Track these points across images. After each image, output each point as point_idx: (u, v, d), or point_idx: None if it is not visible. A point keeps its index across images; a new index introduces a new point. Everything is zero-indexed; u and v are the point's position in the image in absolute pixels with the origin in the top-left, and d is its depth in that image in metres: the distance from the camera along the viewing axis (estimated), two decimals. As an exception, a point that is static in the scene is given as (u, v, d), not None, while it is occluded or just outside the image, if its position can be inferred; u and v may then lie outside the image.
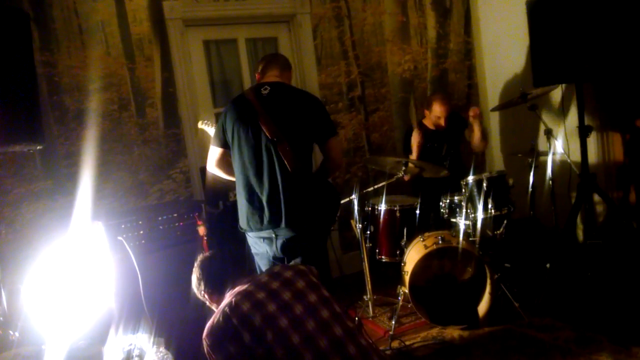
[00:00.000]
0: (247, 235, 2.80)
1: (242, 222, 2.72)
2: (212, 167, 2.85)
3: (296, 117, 2.64)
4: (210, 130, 3.10)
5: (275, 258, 2.72)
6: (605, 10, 3.09)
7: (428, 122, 4.11)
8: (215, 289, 2.06)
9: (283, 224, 2.58)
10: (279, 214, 2.60)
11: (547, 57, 3.40)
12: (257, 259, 2.83)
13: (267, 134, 2.58)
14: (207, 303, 2.12)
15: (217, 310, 1.86)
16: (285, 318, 1.77)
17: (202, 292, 2.12)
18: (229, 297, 1.91)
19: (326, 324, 1.79)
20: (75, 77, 3.52)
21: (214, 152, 2.80)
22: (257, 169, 2.63)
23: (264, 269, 2.77)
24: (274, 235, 2.65)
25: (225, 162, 2.81)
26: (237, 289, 1.94)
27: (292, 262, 2.68)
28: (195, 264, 2.16)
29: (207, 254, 2.20)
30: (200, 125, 3.21)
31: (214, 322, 1.82)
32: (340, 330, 1.78)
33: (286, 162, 2.57)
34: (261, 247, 2.73)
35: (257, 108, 2.62)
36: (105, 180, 3.60)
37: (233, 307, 1.81)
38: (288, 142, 2.57)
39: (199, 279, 2.11)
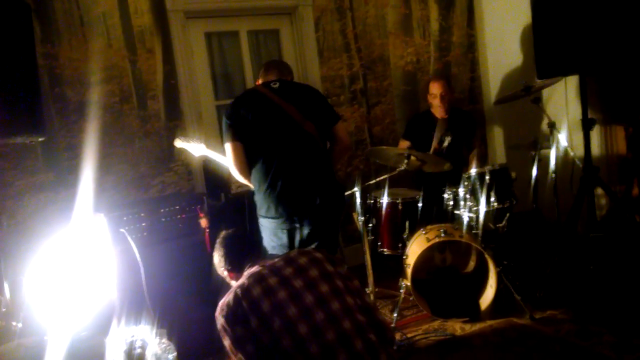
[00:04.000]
0: (264, 226, 2.80)
1: (267, 212, 2.72)
2: (238, 165, 2.75)
3: (309, 105, 2.79)
4: (189, 146, 3.11)
5: (292, 249, 2.74)
6: (610, 1, 3.06)
7: (435, 112, 4.11)
8: (235, 266, 2.08)
9: (317, 201, 2.68)
10: (312, 194, 2.69)
11: (550, 49, 3.38)
12: (268, 245, 2.80)
13: (294, 117, 2.71)
14: (227, 280, 2.13)
15: (231, 290, 1.87)
16: (295, 307, 1.77)
17: (222, 269, 2.14)
18: (243, 277, 1.92)
19: (335, 316, 1.77)
20: (77, 69, 3.51)
21: (237, 147, 2.72)
22: (286, 153, 2.70)
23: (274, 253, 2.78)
24: (297, 225, 2.71)
25: (242, 159, 2.76)
26: (253, 269, 1.93)
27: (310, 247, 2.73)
28: (218, 241, 2.18)
29: (229, 231, 2.21)
30: (177, 143, 3.20)
31: (225, 302, 1.83)
32: (349, 324, 1.76)
33: (315, 137, 2.74)
34: (281, 239, 2.74)
35: (274, 99, 2.74)
36: (106, 172, 3.60)
37: (244, 289, 1.82)
38: (310, 121, 2.74)
39: (221, 256, 2.13)
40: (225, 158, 2.88)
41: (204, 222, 3.14)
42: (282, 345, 1.69)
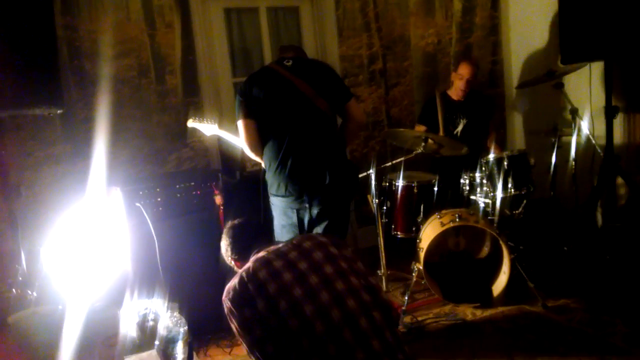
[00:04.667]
0: (275, 205, 2.80)
1: (278, 190, 2.72)
2: (250, 143, 2.76)
3: (322, 82, 2.77)
4: (201, 126, 3.11)
5: (301, 228, 2.75)
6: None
7: (452, 93, 4.05)
8: (242, 255, 2.09)
9: (327, 179, 2.67)
10: (323, 172, 2.68)
11: (576, 34, 3.31)
12: (282, 232, 2.80)
13: (306, 94, 2.70)
14: (235, 269, 2.15)
15: (237, 274, 1.88)
16: (300, 288, 1.77)
17: (229, 258, 2.16)
18: (249, 261, 1.93)
19: (340, 296, 1.78)
20: (96, 42, 3.51)
21: (249, 125, 2.72)
22: (297, 131, 2.69)
23: (284, 232, 2.79)
24: (307, 205, 2.71)
25: (255, 136, 2.76)
26: (258, 254, 1.95)
27: (317, 228, 2.76)
28: (225, 230, 2.20)
29: (236, 221, 2.22)
30: (190, 123, 3.20)
31: (232, 285, 1.85)
32: (353, 303, 1.77)
33: (327, 114, 2.74)
34: (291, 218, 2.75)
35: (287, 76, 2.72)
36: (123, 146, 3.62)
37: (250, 273, 1.83)
38: (323, 97, 2.73)
39: (227, 245, 2.15)
40: (237, 138, 2.88)
41: (218, 199, 3.15)
42: (289, 326, 1.70)
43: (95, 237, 2.24)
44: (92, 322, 2.13)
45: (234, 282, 1.86)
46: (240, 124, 2.73)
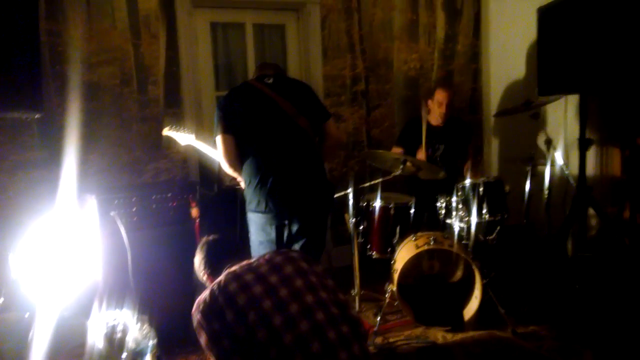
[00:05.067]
0: (253, 221, 2.79)
1: (258, 206, 2.71)
2: (229, 158, 2.74)
3: (302, 100, 2.82)
4: (177, 135, 3.12)
5: (279, 244, 2.74)
6: (615, 24, 3.08)
7: (431, 119, 4.11)
8: (215, 271, 2.10)
9: (308, 198, 2.70)
10: (303, 190, 2.71)
11: (553, 67, 3.39)
12: (259, 249, 2.79)
13: (287, 112, 2.73)
14: (207, 284, 2.14)
15: (207, 288, 1.89)
16: (269, 300, 1.79)
17: (202, 273, 2.18)
18: (221, 275, 1.94)
19: (309, 308, 1.80)
20: (79, 49, 3.48)
21: (228, 140, 2.70)
22: (277, 147, 2.71)
23: (260, 247, 2.78)
24: (286, 221, 2.73)
25: (233, 151, 2.75)
26: (230, 269, 1.96)
27: (295, 245, 2.78)
28: (199, 246, 2.22)
29: (211, 237, 2.24)
30: (165, 131, 3.20)
31: (202, 298, 1.86)
32: (322, 316, 1.79)
33: (307, 132, 2.77)
34: (269, 234, 2.74)
35: (268, 93, 2.75)
36: (101, 154, 3.58)
37: (221, 286, 1.85)
38: (304, 116, 2.77)
39: (200, 260, 2.17)
40: (212, 150, 2.89)
41: (194, 212, 3.13)
42: (257, 337, 1.71)
43: (67, 244, 2.21)
44: (59, 331, 2.09)
45: (204, 295, 1.87)
46: (218, 139, 2.72)
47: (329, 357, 1.70)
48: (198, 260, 2.18)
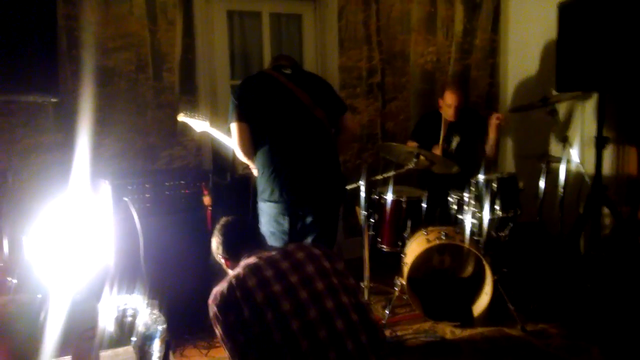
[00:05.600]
0: (265, 211, 2.78)
1: (271, 196, 2.70)
2: (243, 146, 2.73)
3: (319, 92, 2.81)
4: (192, 121, 3.11)
5: (291, 236, 2.73)
6: (636, 22, 3.02)
7: (444, 113, 4.07)
8: (232, 255, 2.08)
9: (321, 190, 2.70)
10: (317, 181, 2.70)
11: (572, 63, 3.35)
12: (271, 240, 2.76)
13: (304, 103, 2.71)
14: (223, 266, 2.14)
15: (226, 279, 1.87)
16: (288, 302, 1.76)
17: (219, 256, 2.16)
18: (240, 267, 1.92)
19: (329, 315, 1.76)
20: (96, 33, 3.49)
21: (243, 128, 2.69)
22: (295, 138, 2.70)
23: (272, 237, 2.77)
24: (300, 212, 2.72)
25: (247, 139, 2.74)
26: (250, 260, 1.93)
27: (308, 238, 2.76)
28: (217, 227, 2.19)
29: (229, 218, 2.21)
30: (180, 117, 3.20)
31: (219, 290, 1.83)
32: (342, 324, 1.76)
33: (324, 124, 2.76)
34: (282, 225, 2.73)
35: (285, 82, 2.73)
36: (116, 139, 3.61)
37: (239, 279, 1.82)
38: (320, 107, 2.76)
39: (218, 242, 2.15)
40: (227, 137, 2.88)
41: (207, 200, 3.14)
42: (273, 338, 1.69)
43: (79, 228, 2.22)
44: (70, 314, 2.11)
45: (222, 287, 1.84)
46: (233, 126, 2.72)
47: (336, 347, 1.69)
48: (215, 243, 2.15)
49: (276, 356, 1.68)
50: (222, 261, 2.15)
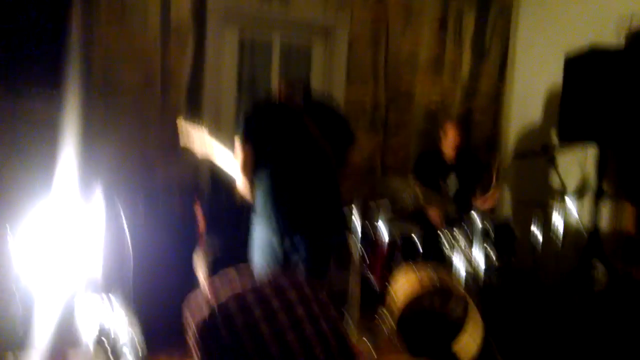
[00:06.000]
0: (258, 237, 2.76)
1: (265, 221, 2.68)
2: (245, 167, 2.73)
3: (330, 123, 2.80)
4: (191, 129, 3.09)
5: (283, 256, 2.71)
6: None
7: (445, 148, 4.10)
8: (214, 273, 2.07)
9: (318, 224, 2.67)
10: (311, 214, 2.67)
11: (575, 115, 3.38)
12: (261, 255, 2.75)
13: (312, 134, 2.69)
14: (207, 293, 2.11)
15: (210, 304, 1.85)
16: (267, 326, 1.75)
17: (201, 276, 2.13)
18: (226, 293, 1.90)
19: (308, 341, 1.76)
20: (108, 47, 3.56)
21: (249, 150, 2.69)
22: (298, 167, 2.68)
23: (264, 262, 2.75)
24: (295, 241, 2.68)
25: (250, 164, 2.74)
26: (232, 286, 1.92)
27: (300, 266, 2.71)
28: (202, 247, 2.17)
29: (219, 246, 2.21)
30: (180, 122, 3.17)
31: (201, 316, 1.81)
32: (320, 351, 1.75)
33: (329, 157, 2.72)
34: (274, 250, 2.70)
35: (296, 109, 2.73)
36: (116, 151, 3.60)
37: (226, 316, 1.79)
38: (327, 140, 2.73)
39: (201, 262, 2.13)
40: (222, 149, 2.88)
41: (200, 220, 3.13)
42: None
43: (68, 233, 2.21)
44: (51, 321, 2.08)
45: (204, 313, 1.82)
46: (239, 147, 2.71)
47: None
48: (198, 261, 2.15)
49: None
50: (203, 280, 2.13)
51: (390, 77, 4.49)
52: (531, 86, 4.69)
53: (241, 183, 2.78)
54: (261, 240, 2.75)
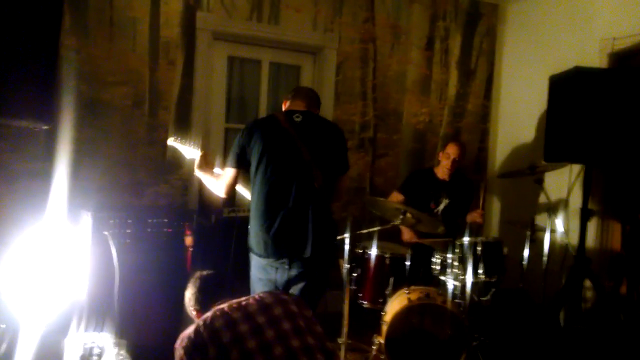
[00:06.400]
0: (254, 259, 2.72)
1: (258, 248, 2.65)
2: (229, 190, 2.71)
3: (326, 148, 2.71)
4: (182, 147, 3.07)
5: (281, 285, 2.67)
6: (623, 99, 3.13)
7: (438, 171, 4.12)
8: (204, 307, 2.06)
9: (307, 253, 2.59)
10: (305, 241, 2.60)
11: (561, 134, 3.42)
12: (258, 285, 2.71)
13: (306, 160, 2.62)
14: (194, 319, 2.10)
15: (193, 324, 1.85)
16: (254, 341, 1.76)
17: (192, 308, 2.14)
18: (209, 312, 1.90)
19: (294, 353, 1.77)
20: (96, 67, 3.54)
21: (229, 174, 2.68)
22: (287, 190, 2.61)
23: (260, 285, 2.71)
24: (287, 266, 2.63)
25: (234, 185, 2.72)
26: (218, 306, 1.93)
27: (294, 288, 2.68)
28: (192, 280, 2.18)
29: (204, 273, 2.20)
30: (170, 142, 3.16)
31: (186, 334, 1.83)
32: None
33: (319, 188, 2.63)
34: (270, 274, 2.66)
35: (291, 132, 2.64)
36: (104, 172, 3.59)
37: (207, 322, 1.82)
38: (320, 170, 2.64)
39: (191, 295, 2.14)
40: (216, 167, 2.86)
41: (188, 240, 3.10)
42: None
43: (54, 260, 2.17)
44: (36, 347, 2.03)
45: (189, 330, 1.84)
46: (229, 170, 2.68)
47: None
48: (189, 295, 2.15)
49: None
50: (194, 314, 2.13)
51: (378, 96, 4.52)
52: (518, 106, 4.75)
53: (220, 194, 2.74)
54: (256, 262, 2.71)
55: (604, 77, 3.27)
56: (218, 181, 2.76)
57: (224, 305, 1.92)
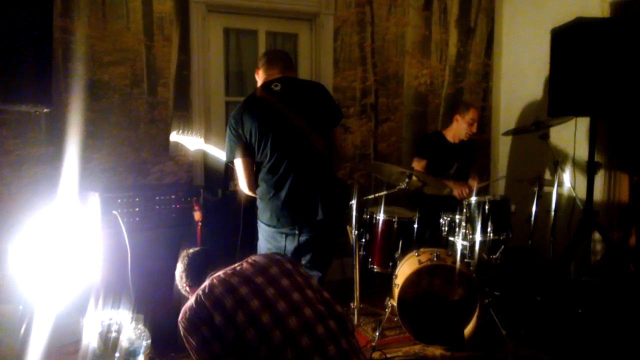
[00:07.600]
0: (262, 229, 2.75)
1: (268, 219, 2.67)
2: (248, 180, 2.69)
3: (313, 108, 2.69)
4: (185, 140, 3.07)
5: (290, 252, 2.69)
6: (627, 49, 3.07)
7: (449, 135, 4.10)
8: (196, 282, 2.08)
9: (319, 216, 2.62)
10: (315, 206, 2.63)
11: (564, 88, 3.38)
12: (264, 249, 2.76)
13: (298, 127, 2.62)
14: (188, 295, 2.13)
15: (192, 295, 1.88)
16: (257, 300, 1.81)
17: (184, 285, 2.17)
18: (205, 281, 1.93)
19: (296, 305, 1.83)
20: (92, 47, 3.51)
21: (248, 162, 2.66)
22: (291, 162, 2.62)
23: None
24: (297, 232, 2.65)
25: (251, 174, 2.70)
26: (213, 275, 1.97)
27: (303, 259, 2.72)
28: (181, 258, 2.21)
29: (193, 249, 2.23)
30: (173, 137, 3.16)
31: (188, 305, 1.85)
32: (310, 312, 1.82)
33: (321, 151, 2.65)
34: (279, 242, 2.70)
35: (277, 104, 2.62)
36: (108, 153, 3.59)
37: (207, 291, 1.84)
38: (317, 133, 2.65)
39: (182, 272, 2.17)
40: (222, 153, 2.85)
41: (197, 215, 3.12)
42: (247, 337, 1.71)
43: (66, 241, 2.19)
44: (54, 327, 2.07)
45: (190, 302, 1.87)
46: (238, 162, 2.66)
47: (318, 351, 1.72)
48: (179, 272, 2.17)
49: (251, 354, 1.70)
50: (188, 290, 2.16)
51: (378, 61, 4.47)
52: (520, 62, 4.69)
53: (245, 189, 2.74)
54: (265, 232, 2.74)
55: (606, 27, 3.20)
56: (238, 181, 2.75)
57: (220, 272, 1.96)
